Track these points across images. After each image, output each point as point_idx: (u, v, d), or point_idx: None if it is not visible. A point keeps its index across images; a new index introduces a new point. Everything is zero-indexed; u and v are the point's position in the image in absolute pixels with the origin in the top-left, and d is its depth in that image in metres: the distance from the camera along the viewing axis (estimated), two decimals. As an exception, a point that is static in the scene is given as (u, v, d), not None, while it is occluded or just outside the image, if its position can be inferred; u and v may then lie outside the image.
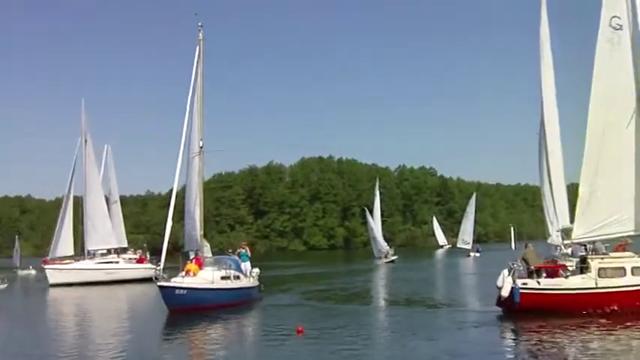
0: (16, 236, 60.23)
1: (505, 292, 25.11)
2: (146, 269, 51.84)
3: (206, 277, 30.58)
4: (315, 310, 30.71)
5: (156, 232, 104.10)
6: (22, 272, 67.44)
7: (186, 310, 28.46)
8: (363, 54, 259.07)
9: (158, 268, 30.47)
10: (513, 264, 26.05)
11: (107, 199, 71.20)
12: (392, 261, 76.16)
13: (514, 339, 22.13)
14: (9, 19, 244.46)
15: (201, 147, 34.49)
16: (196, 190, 34.84)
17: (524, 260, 25.95)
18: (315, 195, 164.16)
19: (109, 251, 59.17)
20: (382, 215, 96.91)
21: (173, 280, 29.93)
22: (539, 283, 25.14)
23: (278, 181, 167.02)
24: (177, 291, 28.88)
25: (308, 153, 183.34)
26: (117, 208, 70.17)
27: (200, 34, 35.33)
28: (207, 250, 36.63)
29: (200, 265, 31.84)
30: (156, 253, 31.60)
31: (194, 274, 30.77)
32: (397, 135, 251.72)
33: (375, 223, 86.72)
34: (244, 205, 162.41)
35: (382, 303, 35.50)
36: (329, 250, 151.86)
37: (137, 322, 28.81)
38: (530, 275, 25.52)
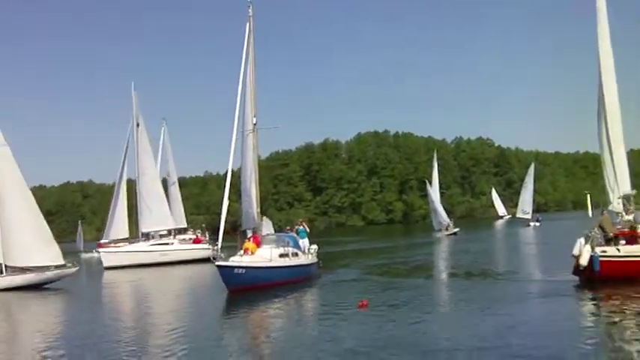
0: (79, 221, 60.53)
1: (584, 261, 23.81)
2: (201, 250, 51.31)
3: (264, 255, 29.65)
4: (376, 284, 29.67)
5: (215, 212, 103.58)
6: (85, 255, 67.88)
7: (246, 289, 27.72)
8: (414, 24, 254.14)
9: (214, 248, 29.58)
10: (590, 231, 24.60)
11: (166, 181, 71.35)
12: (454, 233, 74.28)
13: (595, 308, 20.82)
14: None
15: (254, 124, 33.38)
16: (251, 167, 33.78)
17: (601, 227, 24.51)
18: (372, 170, 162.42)
19: (169, 232, 58.94)
20: (440, 187, 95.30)
21: (231, 259, 29.05)
22: (619, 250, 23.78)
23: (334, 158, 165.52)
24: (235, 270, 28.02)
25: (363, 128, 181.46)
26: (175, 190, 70.10)
27: (250, 11, 34.14)
28: (269, 227, 35.80)
29: (258, 244, 30.92)
30: (216, 232, 30.88)
31: (252, 253, 29.91)
32: (453, 106, 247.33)
33: (435, 196, 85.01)
34: (302, 183, 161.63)
35: (445, 276, 34.34)
36: (387, 224, 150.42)
37: (197, 303, 28.24)
38: (607, 242, 24.10)
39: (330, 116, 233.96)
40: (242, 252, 30.00)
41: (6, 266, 36.19)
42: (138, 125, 55.50)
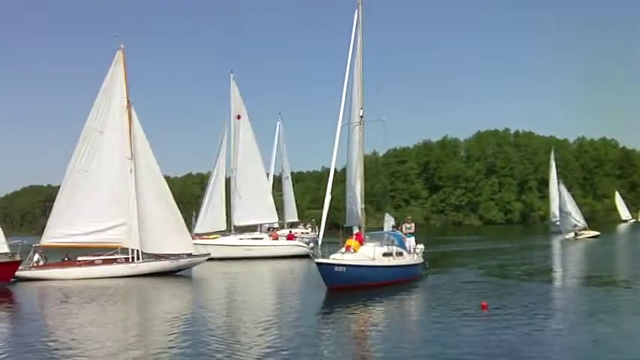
0: (193, 212, 60.73)
1: None
2: (290, 246, 50.09)
3: (367, 253, 28.00)
4: (489, 287, 27.74)
5: (332, 206, 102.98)
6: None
7: (346, 288, 26.18)
8: (533, 18, 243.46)
9: (310, 245, 28.31)
10: None
11: (280, 176, 71.43)
12: (595, 236, 68.87)
13: None
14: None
15: (361, 116, 31.66)
16: (357, 162, 32.01)
17: None
18: (491, 169, 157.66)
19: (281, 225, 58.32)
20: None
21: (332, 256, 27.62)
22: None
23: (453, 156, 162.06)
24: (336, 268, 26.50)
25: (483, 126, 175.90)
26: (288, 184, 70.00)
27: (359, -4, 32.35)
28: (390, 224, 34.26)
29: (361, 241, 29.32)
30: (330, 227, 29.85)
31: (354, 251, 28.35)
32: (575, 105, 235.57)
33: (552, 196, 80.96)
34: (419, 180, 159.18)
35: (568, 281, 31.97)
36: (505, 224, 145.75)
37: (297, 299, 26.65)
38: None
39: (448, 113, 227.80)
40: (344, 249, 28.54)
41: (142, 253, 36.93)
42: (239, 117, 53.81)
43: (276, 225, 58.03)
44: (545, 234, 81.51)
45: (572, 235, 69.63)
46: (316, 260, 26.54)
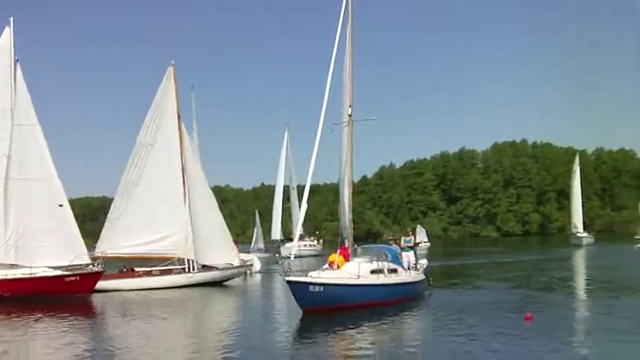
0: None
1: None
2: None
3: (351, 270, 23.52)
4: (504, 306, 23.62)
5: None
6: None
7: (324, 311, 21.76)
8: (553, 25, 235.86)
9: (282, 261, 23.74)
10: None
11: (288, 188, 69.15)
12: None
13: None
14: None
15: (350, 115, 27.38)
16: (345, 167, 27.72)
17: None
18: (509, 180, 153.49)
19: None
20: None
21: (310, 274, 23.24)
22: None
23: (470, 167, 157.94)
24: (311, 287, 22.04)
25: (500, 138, 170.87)
26: (294, 196, 67.67)
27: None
28: (423, 236, 29.98)
29: (346, 256, 24.95)
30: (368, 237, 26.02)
31: (338, 267, 24.07)
32: (595, 116, 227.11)
33: (575, 208, 77.01)
34: (436, 192, 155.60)
35: (600, 294, 28.41)
36: (523, 236, 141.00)
37: (264, 322, 22.75)
38: None
39: (465, 124, 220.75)
40: (326, 265, 24.42)
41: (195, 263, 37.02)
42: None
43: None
44: (566, 245, 78.48)
45: None
46: (286, 279, 22.09)
